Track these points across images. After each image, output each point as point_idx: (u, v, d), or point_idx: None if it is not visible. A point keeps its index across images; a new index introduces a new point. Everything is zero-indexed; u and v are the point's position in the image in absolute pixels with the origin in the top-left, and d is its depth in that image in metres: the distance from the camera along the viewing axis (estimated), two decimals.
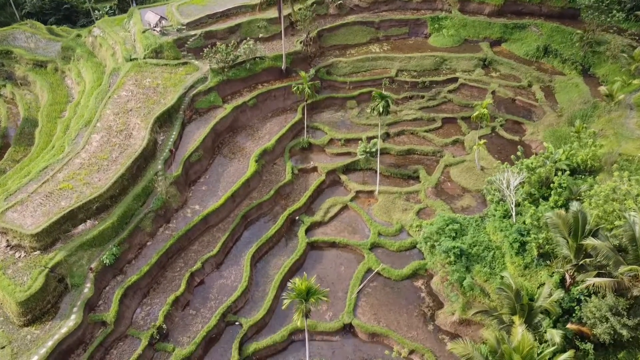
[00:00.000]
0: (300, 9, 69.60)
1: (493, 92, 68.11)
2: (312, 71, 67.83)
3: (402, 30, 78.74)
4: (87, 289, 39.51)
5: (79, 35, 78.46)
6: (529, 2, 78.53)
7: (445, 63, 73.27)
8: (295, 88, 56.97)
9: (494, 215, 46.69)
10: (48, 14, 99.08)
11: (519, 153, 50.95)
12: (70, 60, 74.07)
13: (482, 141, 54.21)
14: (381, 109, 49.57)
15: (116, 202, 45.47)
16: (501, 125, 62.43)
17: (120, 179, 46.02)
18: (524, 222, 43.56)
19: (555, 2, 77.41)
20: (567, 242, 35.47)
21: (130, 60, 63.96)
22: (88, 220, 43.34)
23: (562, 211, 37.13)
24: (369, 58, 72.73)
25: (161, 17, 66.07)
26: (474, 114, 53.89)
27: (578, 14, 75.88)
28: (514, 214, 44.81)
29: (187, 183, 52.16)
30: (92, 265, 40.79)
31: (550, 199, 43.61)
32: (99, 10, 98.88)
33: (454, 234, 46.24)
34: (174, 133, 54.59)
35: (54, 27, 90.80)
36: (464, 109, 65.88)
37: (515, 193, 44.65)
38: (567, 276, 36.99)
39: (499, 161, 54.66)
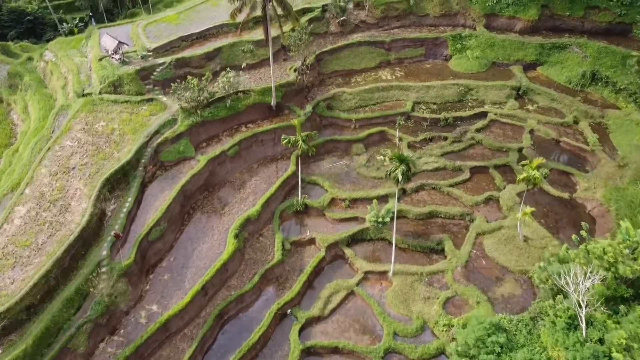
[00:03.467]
0: (292, 30, 56.12)
1: (531, 131, 55.41)
2: (308, 107, 54.77)
3: (418, 51, 65.62)
4: None
5: (30, 59, 65.39)
6: (569, 17, 65.69)
7: (471, 93, 60.41)
8: (286, 141, 43.96)
9: (554, 323, 34.52)
10: (7, 27, 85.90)
11: (583, 233, 38.35)
12: (17, 89, 61.21)
13: (529, 209, 41.59)
14: (400, 176, 36.88)
15: (35, 314, 32.99)
16: (545, 177, 49.80)
17: (43, 280, 33.55)
18: (599, 340, 31.66)
19: (602, 17, 64.49)
20: None
21: (83, 95, 51.31)
22: None
23: None
24: (379, 88, 59.75)
25: (119, 42, 52.79)
26: (520, 177, 41.33)
27: (630, 30, 63.49)
28: (584, 326, 32.55)
29: (144, 271, 39.61)
30: None
31: None
32: (67, 23, 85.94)
33: (500, 349, 34.23)
34: (130, 199, 42.06)
35: (10, 44, 77.31)
36: (497, 155, 53.23)
37: (584, 295, 32.55)
38: None
39: (551, 235, 42.43)
